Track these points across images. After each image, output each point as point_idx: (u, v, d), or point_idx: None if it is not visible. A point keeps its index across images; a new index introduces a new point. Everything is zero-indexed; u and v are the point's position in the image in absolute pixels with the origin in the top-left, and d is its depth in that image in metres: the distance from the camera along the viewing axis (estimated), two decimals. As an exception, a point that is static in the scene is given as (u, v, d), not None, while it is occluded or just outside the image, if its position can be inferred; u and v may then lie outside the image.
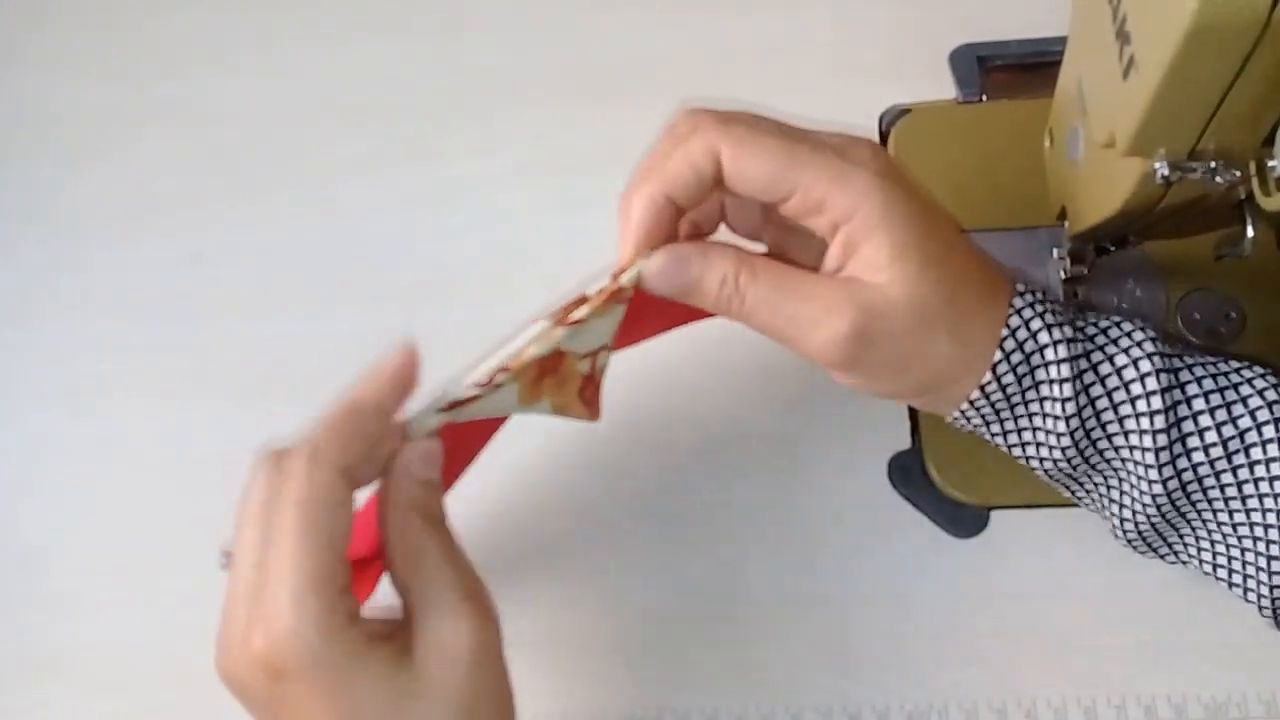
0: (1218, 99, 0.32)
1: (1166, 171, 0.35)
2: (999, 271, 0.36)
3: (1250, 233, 0.37)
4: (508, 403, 0.35)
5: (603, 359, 0.36)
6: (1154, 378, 0.36)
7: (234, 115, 0.60)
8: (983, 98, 0.55)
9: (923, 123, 0.54)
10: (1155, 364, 0.36)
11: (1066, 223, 0.46)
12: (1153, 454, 0.36)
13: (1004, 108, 0.54)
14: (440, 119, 0.58)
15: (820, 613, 0.46)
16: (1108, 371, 0.36)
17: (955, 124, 0.54)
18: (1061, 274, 0.47)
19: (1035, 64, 0.55)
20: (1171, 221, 0.40)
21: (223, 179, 0.58)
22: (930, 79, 0.56)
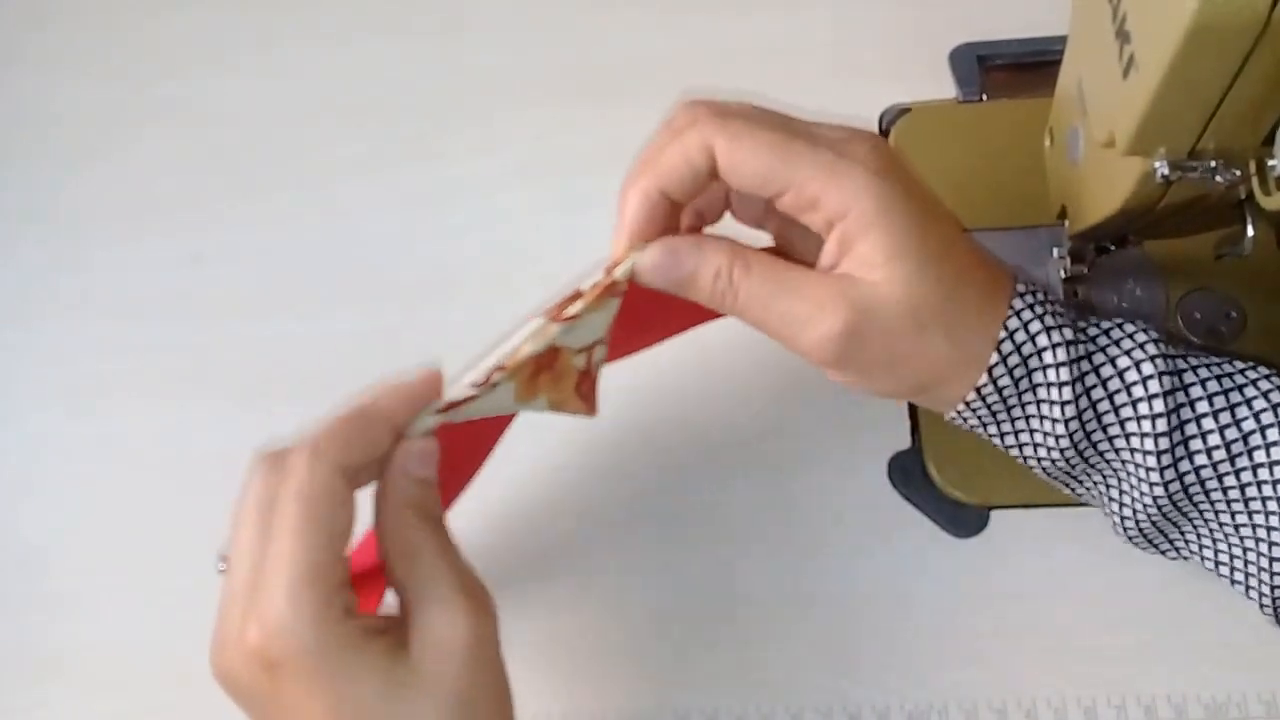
0: (1218, 98, 0.32)
1: (1166, 171, 0.35)
2: (1000, 270, 0.36)
3: (1250, 232, 0.37)
4: (504, 401, 0.34)
5: (598, 353, 0.36)
6: (1157, 380, 0.35)
7: (234, 115, 0.60)
8: (983, 97, 0.55)
9: (923, 122, 0.54)
10: (1158, 365, 0.36)
11: (1066, 222, 0.46)
12: (1154, 456, 0.36)
13: (1004, 107, 0.54)
14: (440, 119, 0.58)
15: (820, 613, 0.46)
16: (1110, 373, 0.36)
17: (955, 123, 0.54)
18: (1061, 273, 0.47)
19: (1035, 63, 0.55)
20: (1171, 221, 0.40)
21: (223, 179, 0.58)
22: (930, 78, 0.56)
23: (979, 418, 0.37)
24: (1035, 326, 0.35)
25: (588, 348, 0.36)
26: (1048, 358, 0.35)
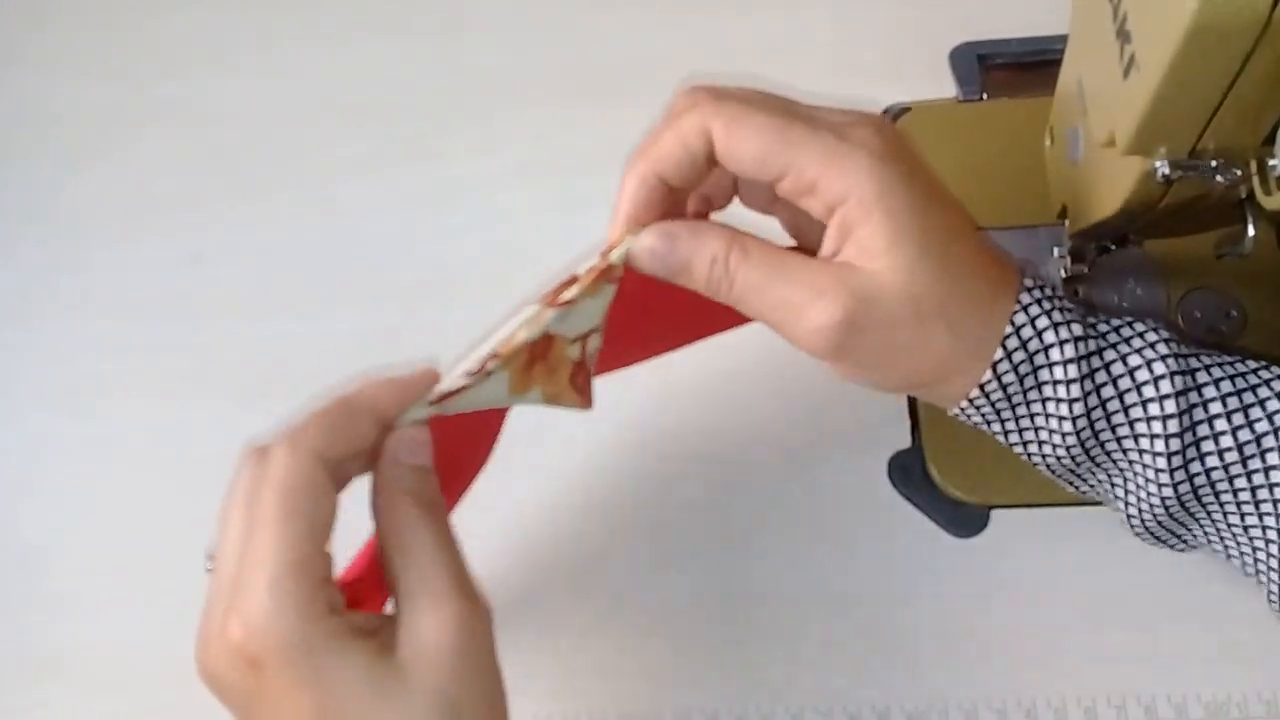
0: (1218, 98, 0.32)
1: (1167, 170, 0.35)
2: (1007, 265, 0.35)
3: (1251, 231, 0.37)
4: (498, 393, 0.34)
5: (593, 343, 0.35)
6: (1169, 380, 0.35)
7: (234, 115, 0.60)
8: (983, 96, 0.55)
9: (923, 121, 0.54)
10: (1170, 366, 0.35)
11: (1067, 221, 0.46)
12: (1164, 457, 0.35)
13: (1004, 106, 0.54)
14: (440, 119, 0.58)
15: (820, 612, 0.46)
16: (1120, 371, 0.35)
17: (955, 123, 0.54)
18: (1062, 273, 0.47)
19: (1035, 63, 0.55)
20: (1172, 220, 0.40)
21: (223, 179, 0.58)
22: (930, 78, 0.56)
23: (983, 415, 0.36)
24: (1043, 322, 0.34)
25: (582, 337, 0.35)
26: (1055, 355, 0.34)
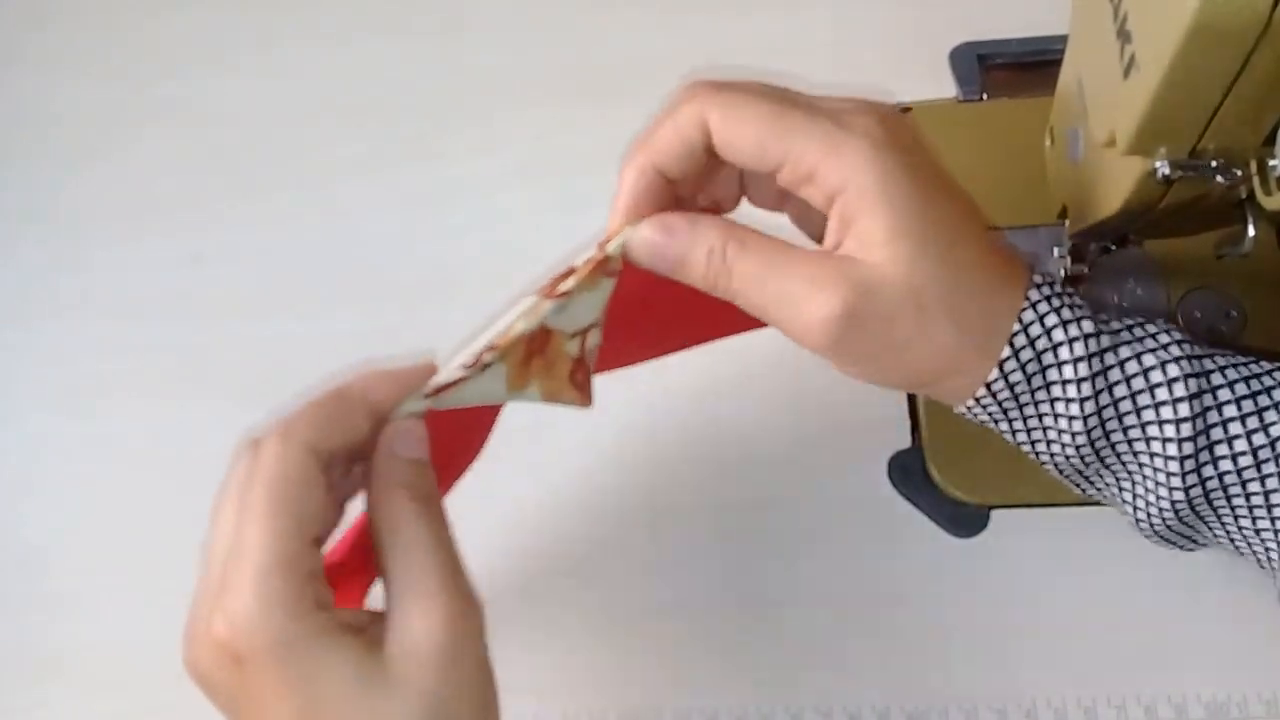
0: (1218, 98, 0.32)
1: (1167, 171, 0.35)
2: (1015, 259, 0.34)
3: (1251, 232, 0.37)
4: (495, 389, 0.33)
5: (592, 339, 0.35)
6: (1182, 382, 0.34)
7: (234, 115, 0.60)
8: (983, 96, 0.55)
9: (923, 121, 0.54)
10: (1184, 367, 0.34)
11: (1067, 221, 0.46)
12: (1177, 460, 0.34)
13: (1004, 106, 0.54)
14: (440, 119, 0.58)
15: (820, 613, 0.46)
16: (1134, 370, 0.34)
17: (955, 123, 0.54)
18: (1062, 273, 0.47)
19: (1035, 63, 0.55)
20: (1172, 220, 0.40)
21: (223, 179, 0.58)
22: (930, 78, 0.56)
23: (990, 414, 0.35)
24: (1051, 320, 0.33)
25: (581, 332, 0.35)
26: (1064, 353, 0.33)
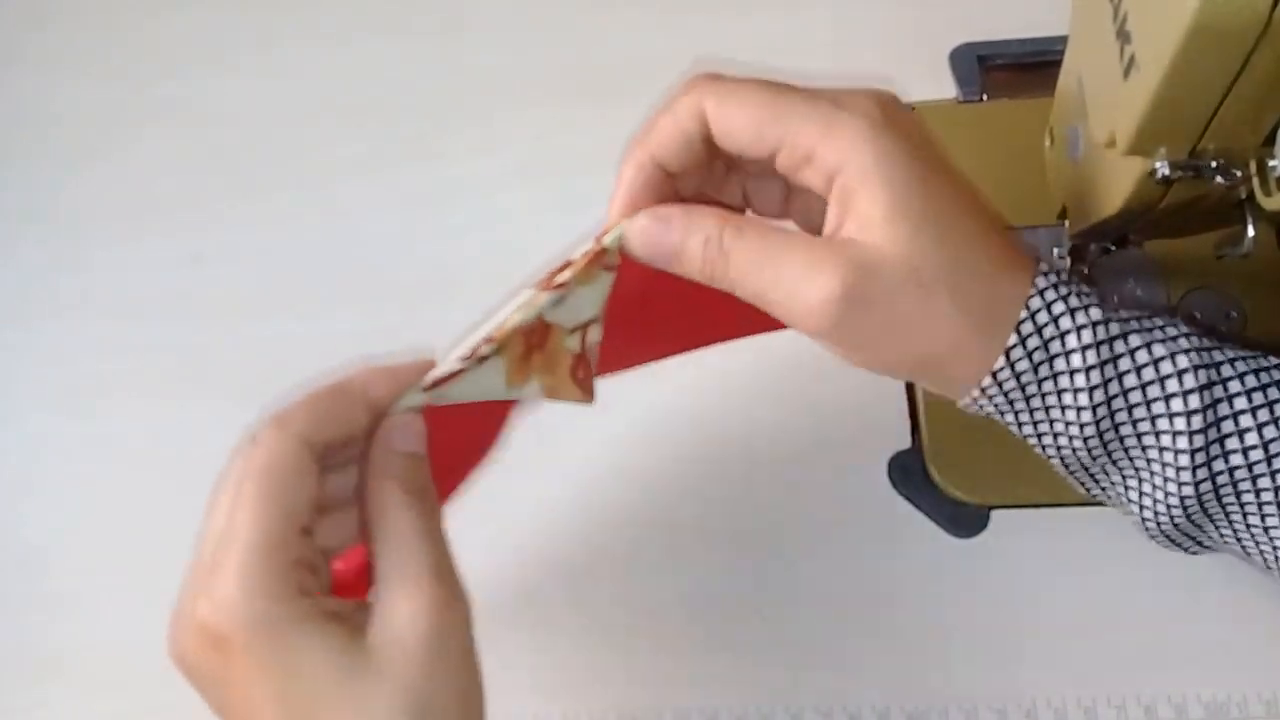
0: (1218, 98, 0.32)
1: (1167, 171, 0.35)
2: (1019, 248, 0.34)
3: (1251, 232, 0.37)
4: (494, 384, 0.33)
5: (593, 335, 0.35)
6: (1192, 374, 0.33)
7: (234, 115, 0.60)
8: (983, 97, 0.55)
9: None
10: (1194, 359, 0.33)
11: (1067, 222, 0.46)
12: (1187, 455, 0.34)
13: (1004, 107, 0.54)
14: (440, 119, 0.58)
15: (820, 613, 0.46)
16: (1145, 360, 0.33)
17: (955, 123, 0.54)
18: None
19: (1035, 63, 0.55)
20: (1172, 221, 0.40)
21: (223, 179, 0.58)
22: (930, 78, 0.56)
23: (995, 405, 0.34)
24: (1059, 308, 0.32)
25: (581, 327, 0.34)
26: (1071, 341, 0.32)
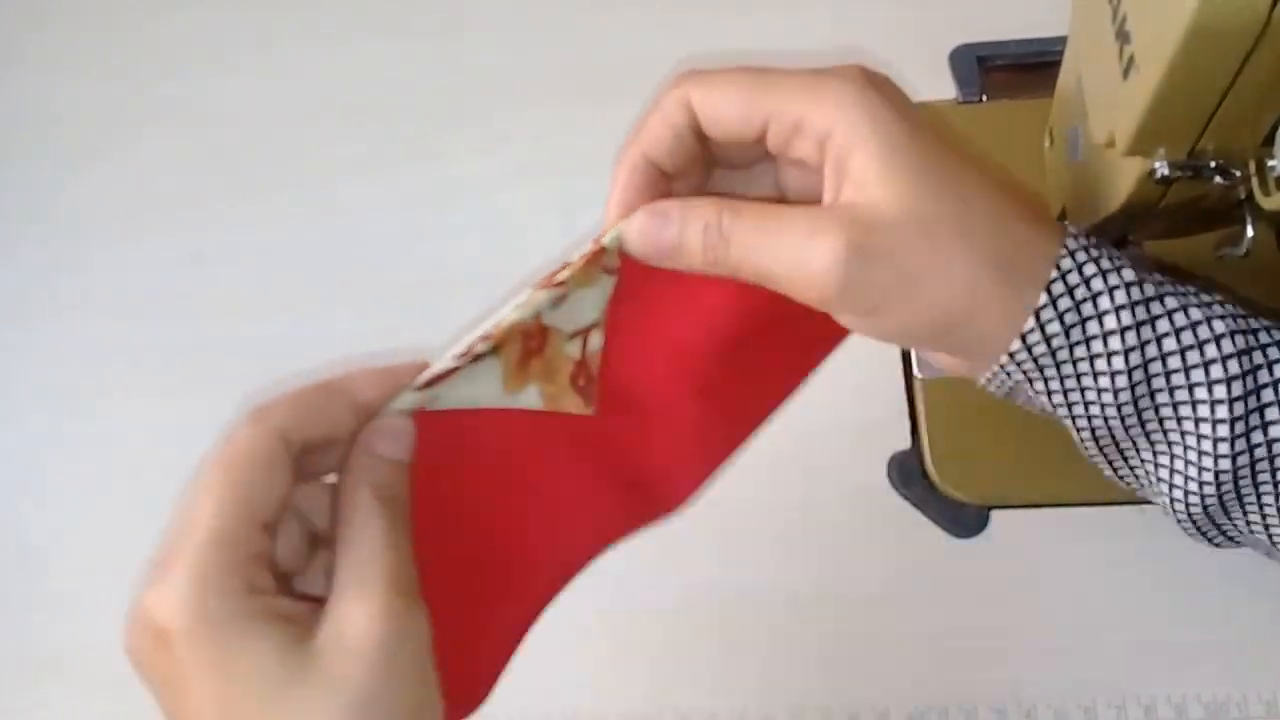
0: (1217, 99, 0.32)
1: (1166, 171, 0.35)
2: (1044, 207, 0.33)
3: (1250, 232, 0.37)
4: (490, 388, 0.33)
5: (594, 342, 0.34)
6: (1230, 339, 0.32)
7: (234, 115, 0.60)
8: (983, 98, 0.55)
9: (923, 123, 0.54)
10: (1231, 325, 0.32)
11: (1067, 222, 0.46)
12: (1226, 425, 0.32)
13: (1004, 107, 0.54)
14: (440, 119, 0.58)
15: (820, 613, 0.46)
16: (1182, 323, 0.32)
17: (955, 124, 0.54)
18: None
19: (1035, 64, 0.55)
20: (1171, 221, 0.40)
21: (223, 179, 0.58)
22: (930, 79, 0.56)
23: (1025, 372, 0.33)
24: (1090, 269, 0.31)
25: (581, 332, 0.34)
26: (1104, 302, 0.31)
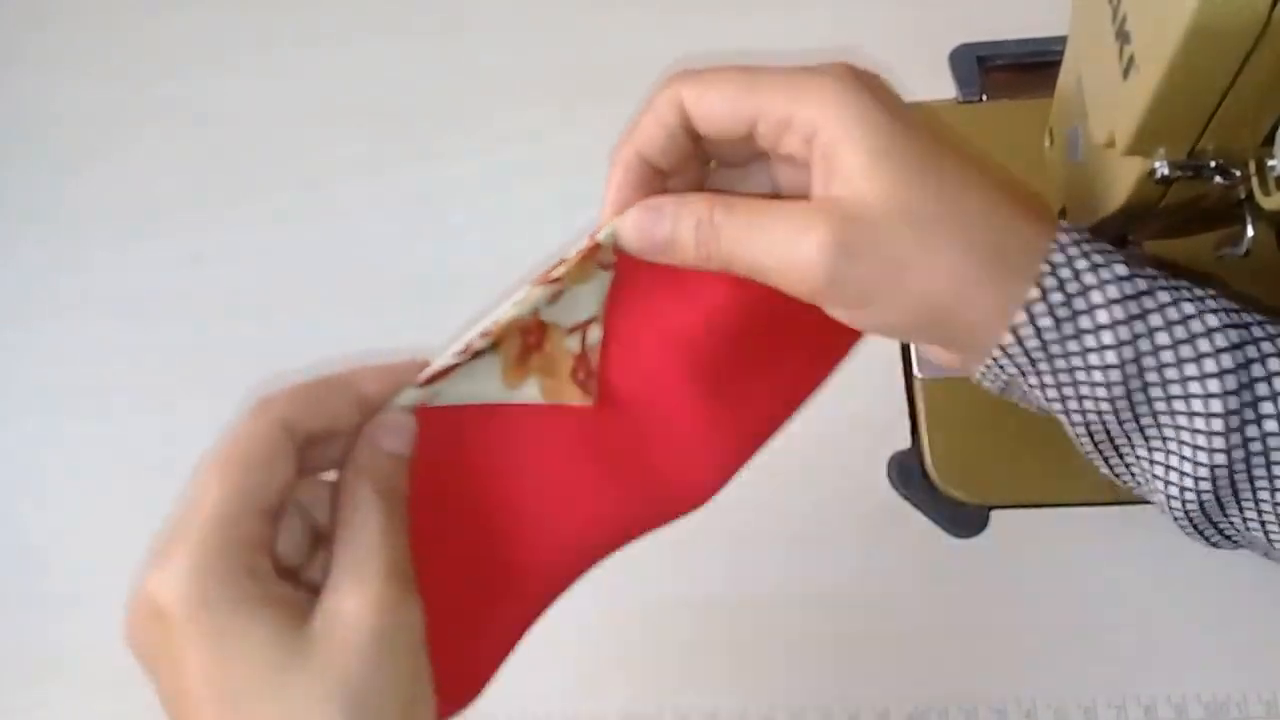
0: (1217, 99, 0.32)
1: (1166, 171, 0.35)
2: (1037, 199, 0.33)
3: (1250, 232, 0.37)
4: (491, 383, 0.33)
5: (593, 336, 0.35)
6: (1223, 333, 0.32)
7: (234, 115, 0.60)
8: (983, 97, 0.55)
9: (923, 122, 0.54)
10: (1224, 318, 0.32)
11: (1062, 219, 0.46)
12: (1220, 419, 0.32)
13: (1004, 107, 0.54)
14: (440, 119, 0.58)
15: (820, 613, 0.46)
16: (1175, 317, 0.32)
17: (955, 124, 0.54)
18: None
19: (1035, 64, 0.55)
20: (1172, 220, 0.40)
21: (223, 179, 0.58)
22: (930, 79, 0.56)
23: (1018, 365, 0.33)
24: (1082, 263, 0.32)
25: (580, 326, 0.34)
26: (1097, 296, 0.31)
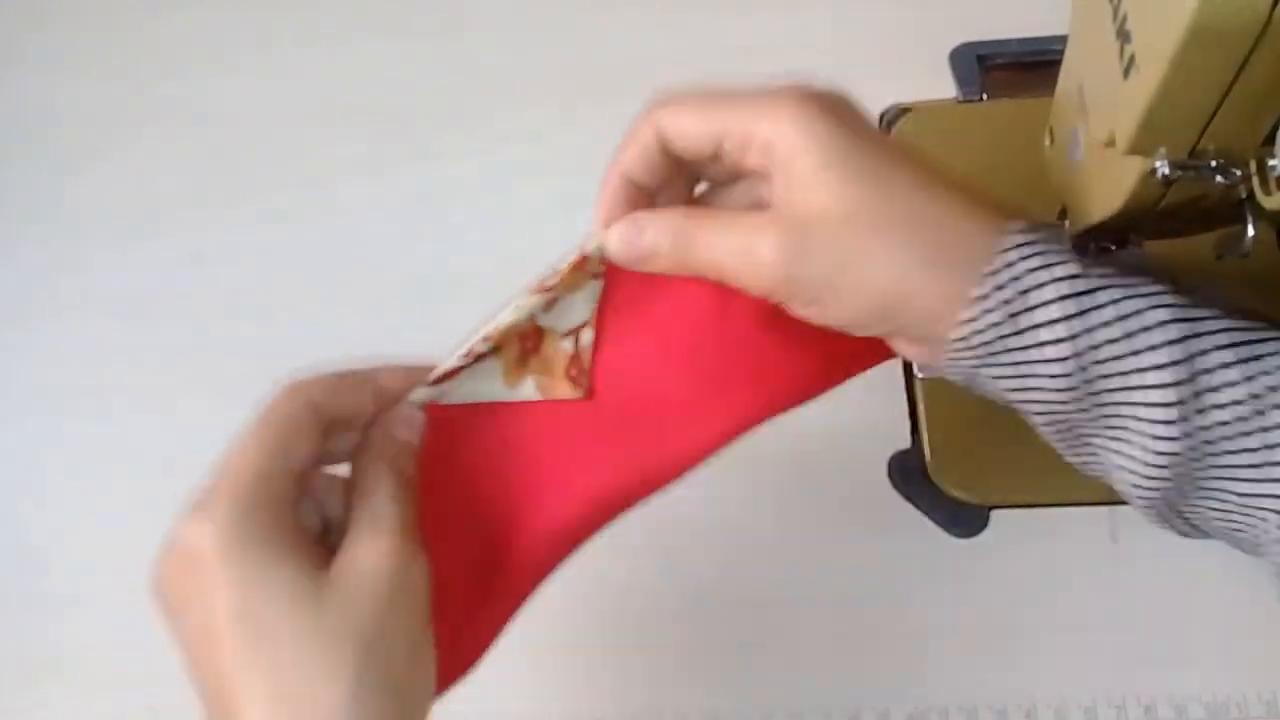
0: (1218, 98, 0.32)
1: (1167, 171, 0.35)
2: (988, 203, 0.34)
3: (1250, 232, 0.37)
4: (493, 383, 0.36)
5: (585, 337, 0.37)
6: (1172, 326, 0.33)
7: (234, 115, 0.60)
8: (983, 97, 0.55)
9: (923, 122, 0.54)
10: (1173, 313, 0.33)
11: (1067, 222, 0.46)
12: (1174, 409, 0.33)
13: (1004, 107, 0.54)
14: (440, 119, 0.58)
15: (820, 613, 0.46)
16: (1123, 312, 0.33)
17: (955, 123, 0.55)
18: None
19: (1035, 63, 0.55)
20: (1172, 221, 0.40)
21: (223, 179, 0.58)
22: (930, 78, 0.56)
23: (977, 357, 0.34)
24: (1035, 262, 0.33)
25: (574, 330, 0.36)
26: (1047, 292, 0.33)
